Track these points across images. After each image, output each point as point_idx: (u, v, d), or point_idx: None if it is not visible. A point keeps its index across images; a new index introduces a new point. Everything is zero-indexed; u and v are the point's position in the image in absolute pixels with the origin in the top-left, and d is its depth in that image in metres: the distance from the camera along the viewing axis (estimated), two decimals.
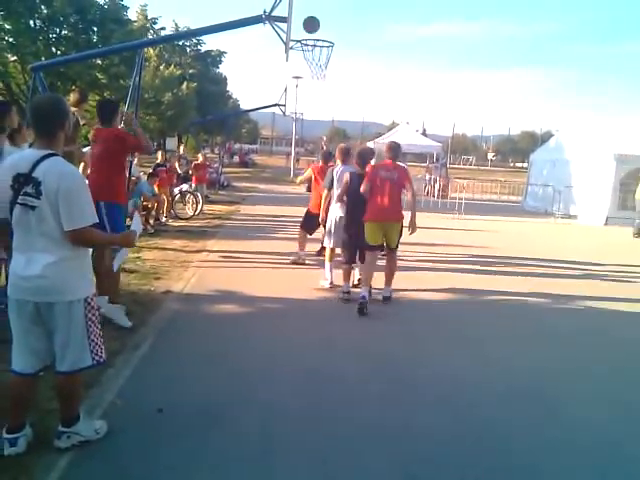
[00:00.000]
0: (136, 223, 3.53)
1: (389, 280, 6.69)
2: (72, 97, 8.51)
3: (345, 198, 6.79)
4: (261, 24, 8.02)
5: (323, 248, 7.74)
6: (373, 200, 6.35)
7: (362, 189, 6.32)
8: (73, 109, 8.39)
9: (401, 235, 6.59)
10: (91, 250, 3.31)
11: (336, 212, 7.02)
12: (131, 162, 8.98)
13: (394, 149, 6.66)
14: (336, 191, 6.97)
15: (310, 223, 8.36)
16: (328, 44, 8.75)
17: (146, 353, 4.54)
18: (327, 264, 7.22)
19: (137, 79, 8.37)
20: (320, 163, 8.89)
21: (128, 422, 3.39)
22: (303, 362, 4.57)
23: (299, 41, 8.56)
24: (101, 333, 3.07)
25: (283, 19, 7.88)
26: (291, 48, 8.32)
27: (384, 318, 6.04)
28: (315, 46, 8.67)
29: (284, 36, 8.02)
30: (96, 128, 5.73)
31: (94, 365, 3.01)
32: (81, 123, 7.35)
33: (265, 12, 7.90)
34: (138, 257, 8.05)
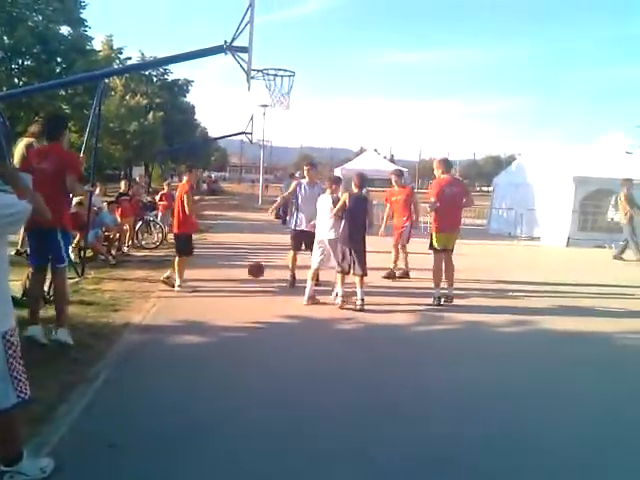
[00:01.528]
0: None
1: (452, 280, 8.01)
2: (32, 128, 8.44)
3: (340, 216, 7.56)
4: (222, 54, 8.11)
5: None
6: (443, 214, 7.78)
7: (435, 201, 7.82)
8: (32, 140, 8.34)
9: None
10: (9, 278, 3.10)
11: (326, 234, 7.74)
12: (91, 193, 8.89)
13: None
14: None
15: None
16: (289, 73, 8.87)
17: (101, 387, 4.43)
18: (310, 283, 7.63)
19: (97, 109, 8.34)
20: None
21: (78, 458, 3.29)
22: (262, 395, 4.50)
23: (260, 70, 8.65)
24: (24, 369, 2.94)
25: (244, 49, 7.96)
26: (252, 77, 8.40)
27: (338, 341, 6.03)
28: (276, 75, 8.77)
29: (245, 65, 8.10)
30: (39, 147, 5.61)
31: (19, 403, 2.87)
32: None
33: (226, 42, 7.97)
34: (97, 288, 7.91)
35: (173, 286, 8.29)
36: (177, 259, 8.47)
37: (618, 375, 5.38)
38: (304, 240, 8.72)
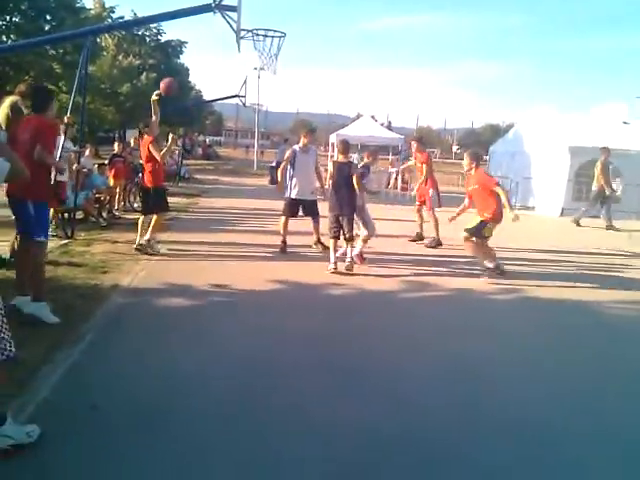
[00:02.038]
0: None
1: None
2: (19, 87, 8.22)
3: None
4: (211, 13, 7.91)
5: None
6: (498, 202, 7.52)
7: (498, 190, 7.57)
8: (17, 98, 8.13)
9: None
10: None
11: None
12: (80, 154, 8.76)
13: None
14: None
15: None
16: (280, 34, 8.66)
17: (85, 349, 4.41)
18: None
19: (84, 68, 8.14)
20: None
21: (59, 419, 3.28)
22: (248, 357, 4.50)
23: (250, 31, 8.44)
24: (7, 327, 2.90)
25: (233, 8, 7.78)
26: (242, 38, 8.22)
27: (338, 312, 6.04)
28: (266, 36, 8.57)
29: (235, 25, 7.92)
30: (27, 117, 5.47)
31: (3, 360, 2.84)
32: (24, 112, 7.11)
33: (215, 1, 7.77)
34: (87, 250, 7.86)
35: (151, 253, 7.93)
36: (155, 217, 8.07)
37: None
38: (297, 208, 8.67)
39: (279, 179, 8.90)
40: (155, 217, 8.13)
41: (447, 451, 3.25)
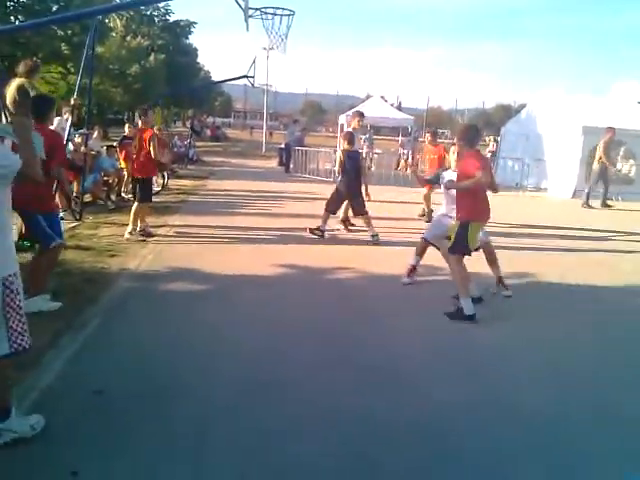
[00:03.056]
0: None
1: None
2: (21, 67, 8.11)
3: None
4: None
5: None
6: (483, 196, 5.41)
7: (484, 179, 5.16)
8: (23, 80, 8.08)
9: None
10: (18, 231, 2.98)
11: None
12: (87, 136, 8.71)
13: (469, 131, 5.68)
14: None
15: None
16: (289, 12, 8.49)
17: (92, 333, 4.41)
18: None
19: (91, 49, 8.06)
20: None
21: (63, 404, 3.28)
22: (255, 344, 4.45)
23: (258, 9, 8.29)
24: (24, 320, 2.80)
25: None
26: (251, 16, 8.07)
27: (336, 299, 5.99)
28: (275, 14, 8.42)
29: (243, 3, 7.77)
30: (36, 127, 5.39)
31: (12, 354, 2.75)
32: (31, 94, 7.04)
33: None
34: (94, 234, 7.84)
35: (150, 235, 7.98)
36: (135, 206, 7.98)
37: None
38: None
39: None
40: (136, 206, 8.01)
41: (459, 444, 3.21)
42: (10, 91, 8.09)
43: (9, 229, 2.75)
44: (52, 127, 5.62)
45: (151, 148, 7.82)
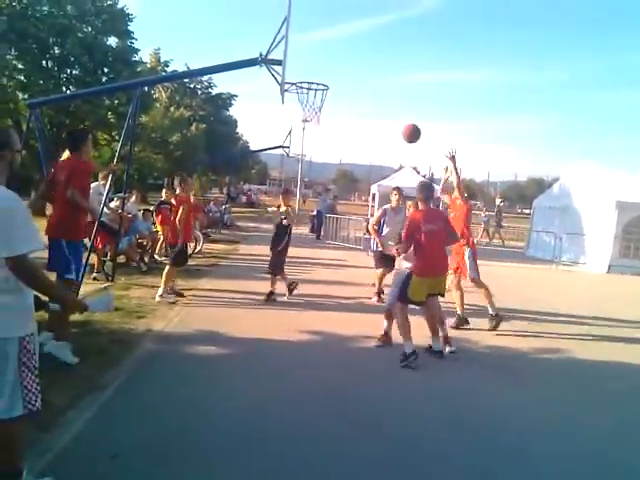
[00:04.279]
0: (102, 302, 3.41)
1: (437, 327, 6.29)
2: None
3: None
4: (257, 66, 8.15)
5: None
6: (429, 254, 5.91)
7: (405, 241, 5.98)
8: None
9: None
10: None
11: None
12: (123, 199, 9.03)
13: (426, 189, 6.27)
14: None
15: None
16: (323, 87, 8.84)
17: (112, 395, 4.39)
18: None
19: (133, 117, 8.48)
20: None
21: (79, 467, 3.24)
22: (277, 413, 4.38)
23: (294, 83, 8.65)
24: (37, 380, 2.79)
25: (278, 62, 7.99)
26: (286, 90, 8.42)
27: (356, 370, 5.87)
28: (310, 89, 8.76)
29: (279, 78, 8.12)
30: (64, 159, 5.64)
31: (25, 415, 2.72)
32: None
33: (261, 55, 8.02)
34: (125, 295, 7.96)
35: (180, 295, 8.27)
36: (167, 268, 8.27)
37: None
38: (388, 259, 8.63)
39: (372, 234, 9.08)
40: (171, 269, 8.30)
41: None
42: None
43: (29, 289, 2.77)
44: (90, 191, 5.81)
45: (179, 213, 8.16)
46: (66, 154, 5.59)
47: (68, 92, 19.93)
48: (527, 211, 77.93)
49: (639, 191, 16.84)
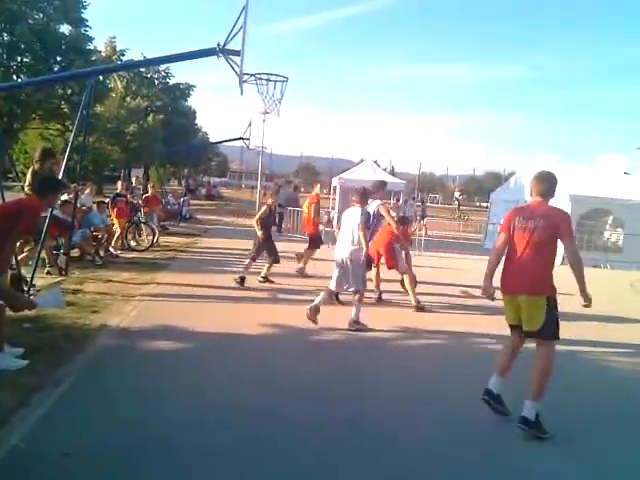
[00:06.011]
0: (51, 298, 3.34)
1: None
2: (36, 154, 8.48)
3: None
4: (215, 56, 8.01)
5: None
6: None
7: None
8: (37, 166, 8.14)
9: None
10: None
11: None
12: (77, 192, 8.79)
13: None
14: None
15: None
16: (283, 79, 8.76)
17: (65, 392, 4.27)
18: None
19: (86, 108, 8.24)
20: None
21: (29, 465, 3.13)
22: (233, 402, 4.34)
23: (253, 75, 8.55)
24: None
25: (237, 52, 7.87)
26: (245, 82, 8.31)
27: (327, 360, 5.87)
28: (269, 80, 8.67)
29: (238, 69, 8.00)
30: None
31: None
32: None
33: (219, 45, 7.88)
34: (79, 289, 7.74)
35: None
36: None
37: None
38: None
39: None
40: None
41: None
42: (28, 176, 8.22)
43: None
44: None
45: None
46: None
47: (19, 81, 19.24)
48: (485, 204, 79.66)
49: (592, 185, 17.36)
